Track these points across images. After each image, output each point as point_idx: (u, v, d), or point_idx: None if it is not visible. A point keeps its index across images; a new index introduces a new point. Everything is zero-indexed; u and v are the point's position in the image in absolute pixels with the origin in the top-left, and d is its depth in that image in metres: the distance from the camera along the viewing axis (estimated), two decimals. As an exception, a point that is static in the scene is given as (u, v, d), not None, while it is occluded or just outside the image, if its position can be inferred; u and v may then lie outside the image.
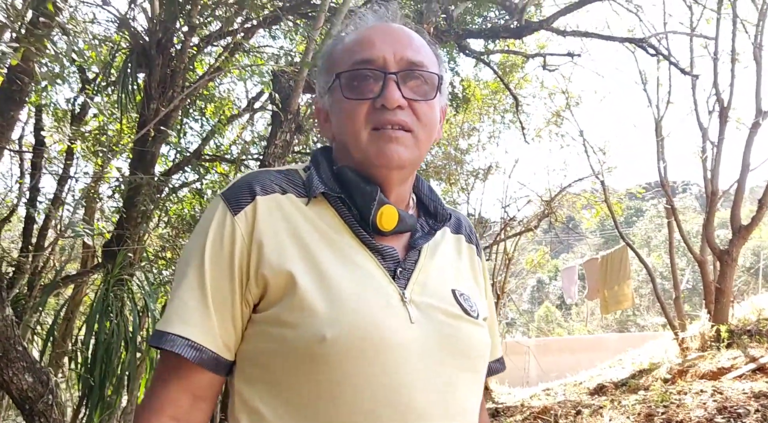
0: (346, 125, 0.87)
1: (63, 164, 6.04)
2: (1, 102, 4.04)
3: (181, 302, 0.83)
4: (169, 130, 4.82)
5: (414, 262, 0.90)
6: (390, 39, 0.88)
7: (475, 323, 0.89)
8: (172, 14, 4.90)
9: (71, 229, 2.62)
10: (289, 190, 0.89)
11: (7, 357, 2.05)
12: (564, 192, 9.44)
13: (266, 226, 0.84)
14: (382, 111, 0.85)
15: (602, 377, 7.50)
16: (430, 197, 0.99)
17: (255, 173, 0.90)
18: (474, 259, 1.02)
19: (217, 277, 0.83)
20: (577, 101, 8.58)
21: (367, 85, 0.86)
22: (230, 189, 0.89)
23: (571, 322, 24.06)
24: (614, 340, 12.61)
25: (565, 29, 4.82)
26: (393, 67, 0.86)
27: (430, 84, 0.89)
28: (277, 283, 0.82)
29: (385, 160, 0.85)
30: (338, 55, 0.91)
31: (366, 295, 0.82)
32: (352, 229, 0.87)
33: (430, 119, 0.88)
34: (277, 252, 0.83)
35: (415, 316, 0.84)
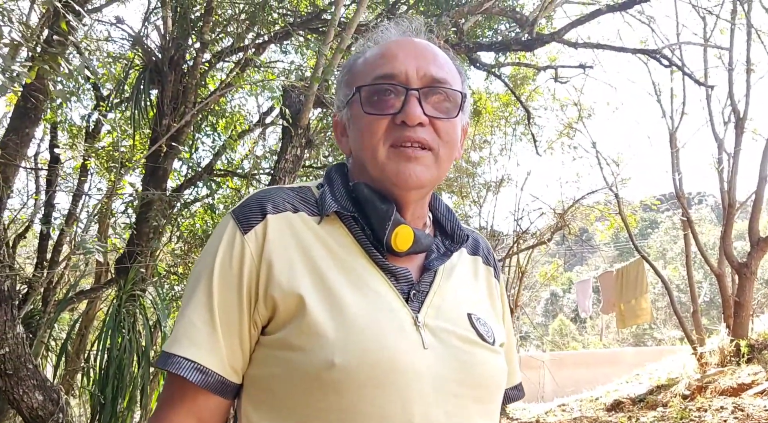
0: (363, 140, 0.85)
1: (77, 180, 6.10)
2: (17, 119, 4.09)
3: (189, 323, 0.81)
4: (180, 146, 4.85)
5: (429, 285, 0.87)
6: (414, 54, 0.86)
7: (491, 350, 0.85)
8: (184, 31, 4.96)
9: (82, 247, 2.63)
10: (301, 209, 0.86)
11: (18, 375, 2.04)
12: (577, 204, 9.36)
13: (276, 245, 0.82)
14: (402, 128, 0.82)
15: (619, 393, 7.37)
16: (447, 217, 0.96)
17: (267, 191, 0.88)
18: (491, 281, 0.99)
19: (226, 297, 0.82)
20: (589, 113, 8.54)
21: (388, 100, 0.83)
22: (241, 207, 0.86)
23: (586, 336, 23.76)
24: (631, 354, 12.41)
25: (576, 41, 4.80)
26: (415, 83, 0.84)
27: (453, 101, 0.86)
28: (286, 305, 0.79)
29: (403, 180, 0.82)
30: (359, 68, 0.89)
31: (378, 318, 0.79)
32: (365, 249, 0.84)
33: (451, 137, 0.85)
34: (287, 273, 0.80)
35: (429, 341, 0.80)
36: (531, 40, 4.55)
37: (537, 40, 4.55)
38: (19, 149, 4.05)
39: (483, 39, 5.98)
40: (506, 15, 4.86)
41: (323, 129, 5.82)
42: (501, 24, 6.30)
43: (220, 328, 0.81)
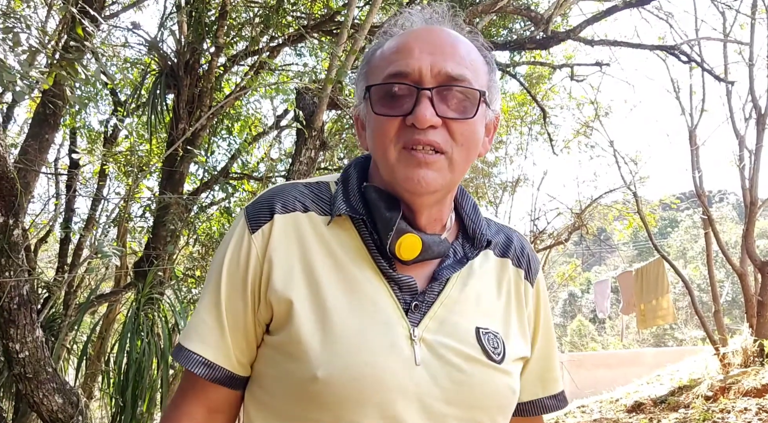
0: (375, 141, 0.81)
1: (96, 185, 6.17)
2: (37, 125, 4.15)
3: (199, 319, 0.83)
4: (197, 150, 4.88)
5: (437, 294, 0.82)
6: (430, 48, 0.79)
7: (495, 368, 0.80)
8: (199, 35, 4.99)
9: (100, 251, 2.65)
10: (312, 208, 0.84)
11: (38, 378, 2.06)
12: (595, 204, 9.26)
13: (279, 247, 0.81)
14: (413, 130, 0.77)
15: (639, 394, 7.27)
16: (472, 218, 0.89)
17: (280, 187, 0.86)
18: (520, 286, 0.91)
19: (232, 296, 0.82)
20: (606, 111, 8.44)
21: (399, 100, 0.79)
22: (253, 204, 0.86)
23: (605, 336, 23.50)
24: (651, 354, 12.24)
25: (592, 39, 4.74)
26: (429, 82, 0.78)
27: (472, 100, 0.79)
28: (279, 309, 0.79)
29: (412, 186, 0.78)
30: (376, 62, 0.84)
31: (368, 332, 0.76)
32: (372, 255, 0.81)
33: (468, 138, 0.79)
34: (283, 277, 0.79)
35: (423, 356, 0.77)
36: (546, 39, 4.50)
37: (552, 39, 4.51)
38: (39, 155, 4.10)
39: (497, 38, 5.94)
40: (521, 13, 4.82)
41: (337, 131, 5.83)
42: (515, 23, 6.26)
43: (228, 326, 0.82)
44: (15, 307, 1.96)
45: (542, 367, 0.94)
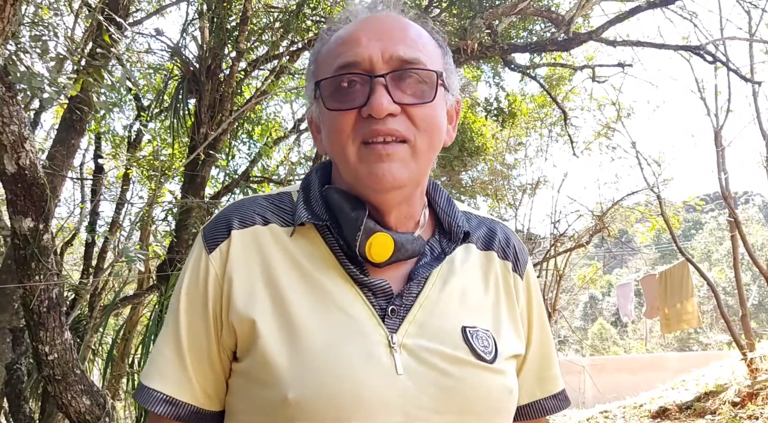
0: (331, 140, 0.75)
1: (120, 189, 6.27)
2: (63, 131, 4.23)
3: (158, 352, 0.78)
4: (218, 154, 4.93)
5: (415, 296, 0.76)
6: (378, 34, 0.74)
7: (487, 369, 0.74)
8: (220, 41, 5.04)
9: (125, 255, 2.69)
10: (273, 220, 0.79)
11: (66, 380, 2.09)
12: (616, 206, 9.15)
13: (239, 265, 0.75)
14: (370, 121, 0.72)
15: (664, 399, 7.15)
16: (447, 211, 0.84)
17: (237, 203, 0.81)
18: (508, 278, 0.85)
19: (193, 323, 0.77)
20: (628, 112, 8.34)
21: (352, 91, 0.73)
22: (210, 223, 0.80)
23: (628, 340, 23.19)
24: (675, 359, 12.04)
25: (615, 39, 4.69)
26: (381, 69, 0.73)
27: (429, 83, 0.74)
28: (243, 331, 0.73)
29: (377, 183, 0.72)
30: (323, 58, 0.79)
31: (341, 344, 0.70)
32: (340, 261, 0.76)
33: (430, 124, 0.74)
34: (245, 296, 0.74)
35: (406, 364, 0.71)
36: (567, 40, 4.47)
37: (574, 40, 4.47)
38: (66, 160, 4.18)
39: (518, 40, 5.90)
40: (541, 15, 4.79)
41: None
42: (536, 24, 6.22)
43: (189, 357, 0.76)
44: (44, 310, 1.99)
45: (540, 365, 0.88)
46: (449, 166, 7.80)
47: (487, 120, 7.93)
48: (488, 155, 8.90)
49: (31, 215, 1.91)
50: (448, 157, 7.34)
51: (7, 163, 1.81)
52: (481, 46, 4.51)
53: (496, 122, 7.87)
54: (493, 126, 8.29)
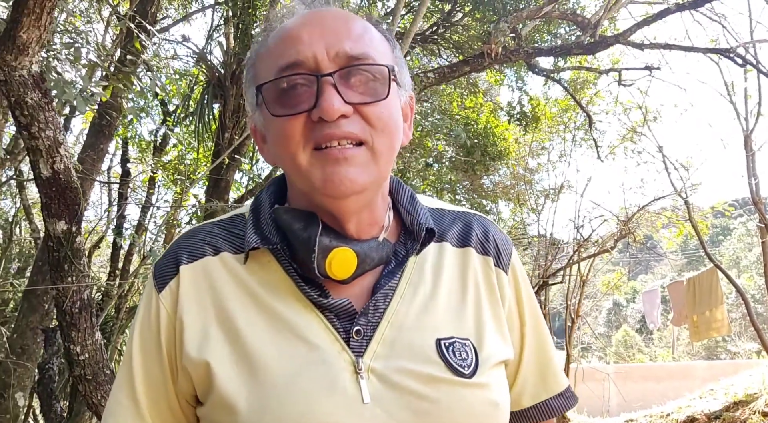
0: (280, 149, 0.69)
1: (146, 193, 6.37)
2: (93, 136, 4.32)
3: (113, 399, 0.74)
4: (242, 158, 4.99)
5: (382, 312, 0.70)
6: (320, 30, 0.68)
7: (466, 384, 0.68)
8: (245, 46, 5.11)
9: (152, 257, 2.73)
10: (224, 248, 0.74)
11: (96, 380, 2.13)
12: (642, 211, 9.02)
13: (189, 304, 0.71)
14: (322, 125, 0.65)
15: (692, 409, 7.01)
16: (408, 210, 0.76)
17: (188, 233, 0.77)
18: (490, 275, 0.78)
19: (149, 366, 0.72)
20: (655, 116, 8.22)
21: (298, 94, 0.67)
22: (160, 259, 0.76)
23: (653, 348, 22.79)
24: (703, 368, 11.79)
25: (642, 42, 4.63)
26: (328, 67, 0.66)
27: (381, 79, 0.68)
28: (198, 375, 0.68)
29: (334, 189, 0.66)
30: (262, 61, 0.72)
31: (301, 376, 0.65)
32: (297, 285, 0.70)
33: (386, 122, 0.68)
34: (198, 338, 0.69)
35: (374, 391, 0.65)
36: (594, 43, 4.42)
37: (600, 43, 4.43)
38: (95, 164, 4.27)
39: (542, 44, 5.87)
40: (567, 18, 4.75)
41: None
42: (560, 27, 6.17)
43: (144, 402, 0.72)
44: (76, 311, 2.03)
45: (539, 363, 0.82)
46: (471, 170, 7.76)
47: (510, 124, 7.88)
48: (511, 159, 8.84)
49: (65, 218, 1.96)
50: (470, 161, 7.31)
51: (42, 168, 1.85)
52: (505, 49, 4.49)
53: (519, 126, 7.82)
54: (516, 130, 8.24)
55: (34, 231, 5.94)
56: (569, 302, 9.09)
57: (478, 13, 5.84)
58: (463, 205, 8.52)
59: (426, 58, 7.01)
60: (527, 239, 9.80)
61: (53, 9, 1.77)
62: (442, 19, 6.17)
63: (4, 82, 1.75)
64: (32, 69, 1.78)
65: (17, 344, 4.30)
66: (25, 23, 1.71)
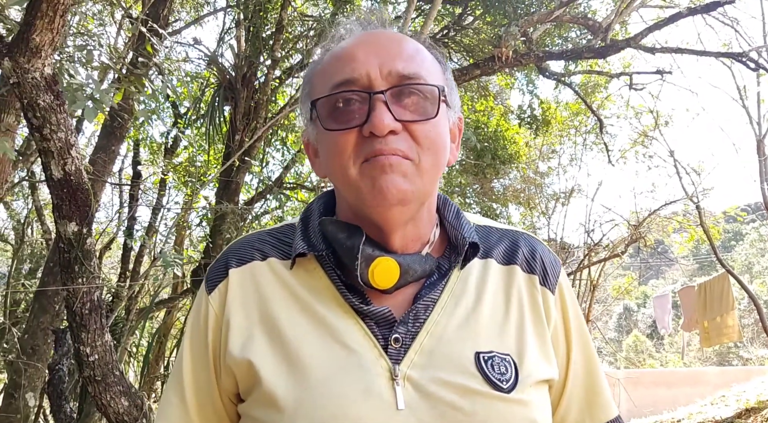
0: (331, 161, 0.72)
1: (156, 195, 6.41)
2: (104, 138, 4.35)
3: (164, 397, 0.78)
4: (252, 160, 5.01)
5: (422, 322, 0.71)
6: (375, 49, 0.71)
7: (504, 399, 0.67)
8: (256, 49, 5.13)
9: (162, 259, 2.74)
10: (272, 254, 0.77)
11: (106, 381, 2.14)
12: (653, 215, 8.95)
13: (236, 304, 0.74)
14: (372, 140, 0.68)
15: (703, 415, 6.94)
16: (453, 225, 0.78)
17: (238, 240, 0.81)
18: (535, 294, 0.77)
19: (197, 367, 0.76)
20: (666, 120, 8.17)
21: (351, 110, 0.70)
22: (212, 264, 0.80)
23: (664, 353, 22.59)
24: (715, 374, 11.67)
25: (653, 46, 4.60)
26: (380, 85, 0.69)
27: (431, 98, 0.71)
28: (241, 374, 0.71)
29: (381, 196, 0.68)
30: (317, 78, 0.75)
31: (337, 379, 0.67)
32: (340, 292, 0.73)
33: (433, 141, 0.70)
34: (242, 336, 0.72)
35: (409, 399, 0.66)
36: (605, 47, 4.40)
37: (611, 47, 4.40)
38: (106, 166, 4.30)
39: (553, 47, 5.84)
40: (578, 22, 4.73)
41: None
42: (571, 31, 6.15)
43: (192, 402, 0.76)
44: (86, 313, 2.04)
45: (587, 389, 0.80)
46: (481, 174, 7.75)
47: (521, 128, 7.86)
48: (521, 163, 8.82)
49: (76, 220, 1.97)
50: (480, 164, 7.30)
51: (54, 169, 1.86)
52: (515, 53, 4.48)
53: (529, 130, 7.79)
54: (527, 134, 8.21)
55: (46, 232, 5.99)
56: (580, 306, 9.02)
57: (488, 16, 5.83)
58: (473, 208, 8.50)
59: (436, 61, 6.99)
60: (537, 243, 9.73)
61: (66, 12, 1.78)
62: (452, 23, 6.17)
63: (17, 84, 1.76)
64: (45, 71, 1.79)
65: (28, 345, 4.33)
66: (38, 26, 1.72)
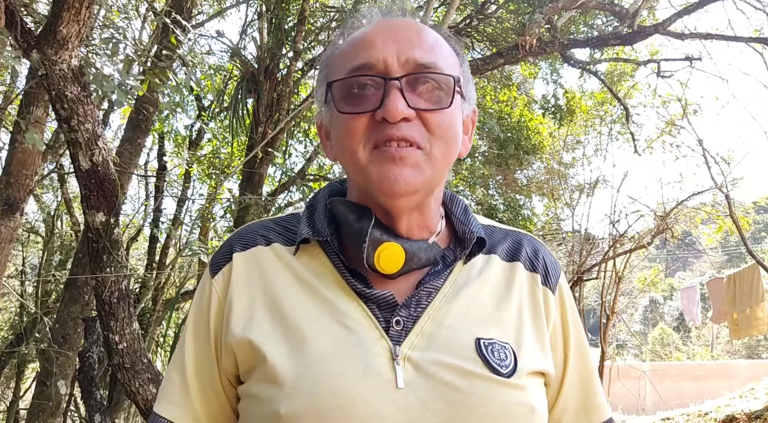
0: (342, 144, 0.73)
1: (181, 187, 6.49)
2: (130, 131, 4.41)
3: (167, 378, 0.79)
4: (275, 152, 5.03)
5: (424, 307, 0.72)
6: (393, 37, 0.72)
7: (502, 383, 0.68)
8: (278, 41, 5.14)
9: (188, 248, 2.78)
10: (276, 240, 0.78)
11: (134, 369, 2.18)
12: (681, 206, 8.78)
13: (240, 286, 0.75)
14: (384, 125, 0.69)
15: (732, 408, 6.82)
16: (461, 220, 0.80)
17: (244, 227, 0.82)
18: (536, 291, 0.79)
19: (199, 347, 0.77)
20: (695, 109, 7.98)
21: (366, 94, 0.70)
22: (217, 250, 0.82)
23: (691, 346, 22.25)
24: (744, 366, 11.46)
25: (682, 32, 4.48)
26: (397, 72, 0.70)
27: (446, 88, 0.72)
28: (242, 354, 0.72)
29: (388, 186, 0.69)
30: (335, 61, 0.76)
31: (338, 357, 0.67)
32: (342, 276, 0.74)
33: (446, 131, 0.71)
34: (244, 317, 0.73)
35: (408, 378, 0.67)
36: (632, 34, 4.30)
37: (639, 34, 4.30)
38: (132, 158, 4.36)
39: (578, 35, 5.75)
40: (604, 8, 4.64)
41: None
42: (597, 18, 6.03)
43: (193, 382, 0.77)
44: (115, 301, 2.08)
45: (582, 392, 0.81)
46: (504, 165, 7.68)
47: (545, 118, 7.76)
48: (545, 154, 8.72)
49: (103, 210, 2.00)
50: (503, 155, 7.23)
51: (81, 160, 1.89)
52: (539, 41, 4.41)
53: (553, 120, 7.69)
54: (551, 124, 8.11)
55: (75, 224, 6.12)
56: (604, 299, 8.93)
57: (512, 4, 5.76)
58: (496, 200, 8.43)
59: (458, 51, 6.94)
60: (561, 234, 9.65)
61: (92, 4, 1.80)
62: (475, 12, 6.10)
63: (45, 76, 1.79)
64: (72, 63, 1.82)
65: (59, 334, 4.44)
66: (65, 18, 1.74)
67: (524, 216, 8.08)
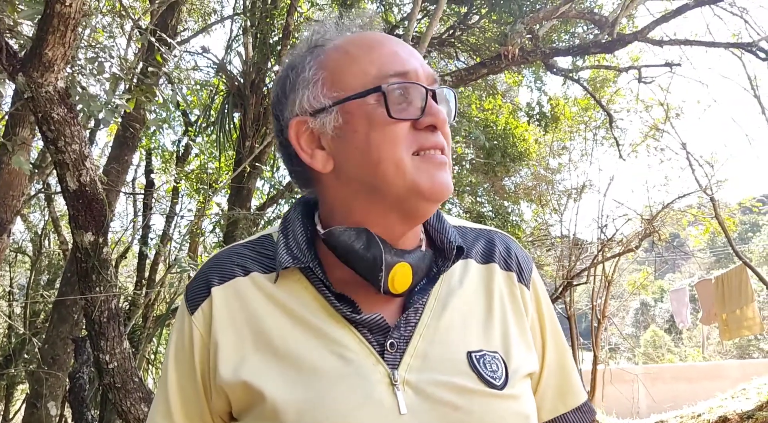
0: (384, 152, 0.69)
1: (170, 202, 6.47)
2: (117, 148, 4.41)
3: (150, 420, 0.77)
4: (263, 166, 5.04)
5: (414, 326, 0.72)
6: (407, 49, 0.74)
7: (497, 396, 0.69)
8: (264, 56, 5.17)
9: (178, 265, 2.77)
10: (254, 268, 0.75)
11: (126, 388, 2.17)
12: (667, 209, 8.87)
13: (223, 324, 0.72)
14: (427, 133, 0.70)
15: (724, 409, 6.86)
16: (436, 228, 0.79)
17: (217, 256, 0.79)
18: (514, 290, 0.80)
19: (184, 386, 0.75)
20: (677, 113, 8.09)
21: (410, 101, 0.70)
22: (191, 281, 0.78)
23: (683, 348, 22.36)
24: (735, 367, 11.54)
25: (661, 39, 4.57)
26: (426, 83, 0.72)
27: (451, 102, 0.76)
28: (235, 395, 0.70)
29: (439, 192, 0.70)
30: (347, 66, 0.72)
31: (337, 388, 0.66)
32: (329, 302, 0.72)
33: (449, 141, 0.75)
34: (233, 357, 0.71)
35: (410, 402, 0.66)
36: (612, 42, 4.38)
37: (618, 41, 4.38)
38: (120, 175, 4.35)
39: (559, 44, 5.83)
40: (584, 17, 4.72)
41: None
42: (578, 27, 6.12)
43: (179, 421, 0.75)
44: (105, 321, 2.08)
45: (559, 378, 0.83)
46: (492, 173, 7.73)
47: (530, 125, 7.83)
48: (531, 160, 8.78)
49: (92, 230, 2.00)
50: (490, 163, 7.28)
51: (69, 181, 1.90)
52: (522, 51, 4.47)
53: (538, 127, 7.76)
54: (536, 131, 8.18)
55: (63, 243, 6.07)
56: (595, 303, 8.97)
57: (494, 15, 5.83)
58: (485, 207, 8.47)
59: (443, 61, 7.01)
60: (550, 240, 9.70)
61: (77, 26, 1.81)
62: (458, 22, 6.17)
63: (32, 98, 1.80)
64: (58, 85, 1.82)
65: (49, 354, 4.39)
66: (50, 41, 1.76)
67: (513, 222, 8.12)
